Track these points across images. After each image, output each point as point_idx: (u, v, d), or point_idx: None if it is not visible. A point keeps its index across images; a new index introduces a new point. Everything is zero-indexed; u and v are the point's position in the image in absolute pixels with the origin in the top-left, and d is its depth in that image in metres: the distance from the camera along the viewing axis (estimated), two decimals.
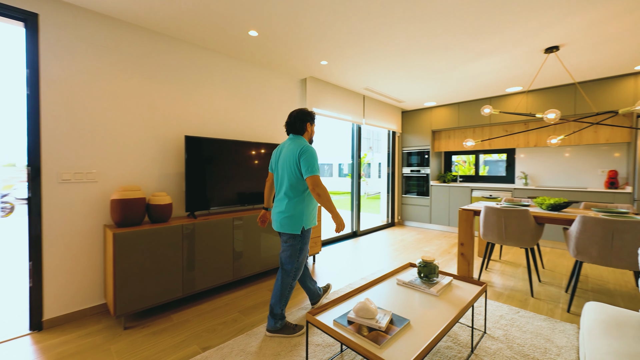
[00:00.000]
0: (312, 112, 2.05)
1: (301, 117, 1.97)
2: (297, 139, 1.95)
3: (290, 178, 1.90)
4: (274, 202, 2.02)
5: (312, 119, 2.03)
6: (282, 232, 1.96)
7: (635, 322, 1.34)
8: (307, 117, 1.99)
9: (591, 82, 3.79)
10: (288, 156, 1.90)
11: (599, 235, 2.10)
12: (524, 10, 2.18)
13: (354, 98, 4.44)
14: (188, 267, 2.30)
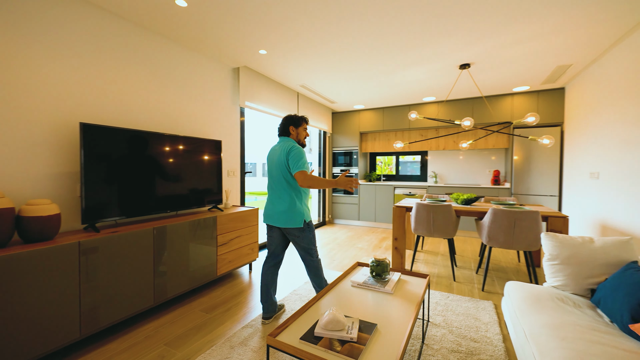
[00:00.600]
0: (299, 116, 2.14)
1: (285, 121, 2.11)
2: (285, 141, 2.06)
3: (285, 176, 2.00)
4: (270, 202, 2.08)
5: (296, 122, 2.11)
6: (289, 228, 2.03)
7: (547, 295, 1.62)
8: (291, 120, 2.11)
9: (487, 96, 4.63)
10: (278, 157, 2.01)
11: (505, 224, 2.53)
12: (446, 31, 2.45)
13: (288, 95, 4.28)
14: (88, 298, 1.74)
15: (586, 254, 1.69)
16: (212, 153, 2.86)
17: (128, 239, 1.92)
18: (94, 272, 1.75)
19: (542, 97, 4.25)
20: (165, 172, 2.38)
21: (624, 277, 1.45)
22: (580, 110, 3.59)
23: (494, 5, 2.11)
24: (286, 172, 1.98)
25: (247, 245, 3.02)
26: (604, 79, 3.01)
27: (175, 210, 2.49)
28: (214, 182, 2.88)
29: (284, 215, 2.00)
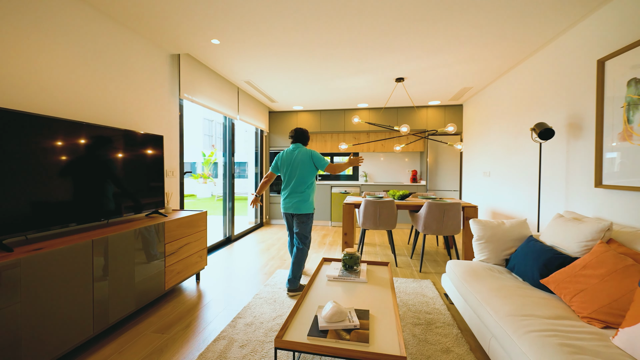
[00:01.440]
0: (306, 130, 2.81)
1: (302, 131, 2.73)
2: (300, 146, 2.69)
3: (308, 173, 2.61)
4: (287, 193, 2.65)
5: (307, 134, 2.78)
6: (299, 214, 2.59)
7: (480, 268, 2.07)
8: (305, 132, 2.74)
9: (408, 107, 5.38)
10: (303, 159, 2.61)
11: (437, 215, 3.05)
12: (389, 48, 2.81)
13: (229, 90, 4.03)
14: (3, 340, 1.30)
15: (501, 233, 2.23)
16: (152, 150, 2.48)
17: (58, 257, 1.51)
18: (7, 306, 1.32)
19: (448, 111, 5.23)
20: (93, 171, 1.95)
21: (528, 248, 1.98)
22: (475, 123, 4.59)
23: (426, 35, 2.53)
24: (310, 169, 2.60)
25: (196, 253, 2.73)
26: (493, 100, 3.94)
27: (108, 219, 2.06)
28: (155, 184, 2.51)
29: (300, 204, 2.58)
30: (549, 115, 2.72)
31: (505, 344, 1.36)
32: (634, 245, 1.56)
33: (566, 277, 1.57)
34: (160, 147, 2.57)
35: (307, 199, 2.60)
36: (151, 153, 2.47)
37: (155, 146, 2.51)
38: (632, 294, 1.30)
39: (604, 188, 2.07)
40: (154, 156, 2.51)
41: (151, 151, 2.47)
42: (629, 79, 1.87)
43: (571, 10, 2.18)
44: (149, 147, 2.44)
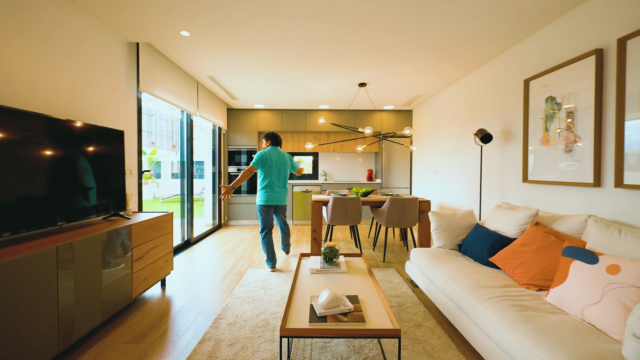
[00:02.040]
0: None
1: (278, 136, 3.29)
2: (279, 149, 3.26)
3: (287, 172, 3.24)
4: (277, 188, 3.16)
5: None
6: (285, 205, 3.30)
7: (440, 253, 2.39)
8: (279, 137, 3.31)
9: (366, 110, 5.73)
10: (285, 159, 3.24)
11: (399, 209, 3.37)
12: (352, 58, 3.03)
13: (189, 84, 3.82)
14: None
15: (454, 222, 2.60)
16: (112, 146, 2.26)
17: (16, 267, 1.32)
18: None
19: (400, 115, 5.74)
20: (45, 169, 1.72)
21: (477, 233, 2.36)
22: (424, 127, 5.14)
23: (389, 46, 2.80)
24: (288, 170, 3.27)
25: (162, 257, 2.57)
26: (440, 107, 4.48)
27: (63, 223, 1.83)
28: (115, 184, 2.29)
29: (285, 196, 3.25)
30: (487, 123, 3.24)
31: (470, 311, 1.64)
32: (553, 226, 2.00)
33: (508, 255, 1.95)
34: (120, 143, 2.36)
35: (286, 191, 3.30)
36: (111, 150, 2.25)
37: (115, 142, 2.30)
38: (556, 262, 1.69)
39: (529, 183, 2.58)
40: (114, 153, 2.29)
41: (111, 148, 2.25)
42: (547, 97, 2.37)
43: (502, 39, 2.64)
44: (109, 143, 2.23)
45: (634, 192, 1.73)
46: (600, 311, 1.27)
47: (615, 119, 1.82)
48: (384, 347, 1.74)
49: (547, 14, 2.24)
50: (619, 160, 1.79)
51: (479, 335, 1.56)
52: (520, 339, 1.25)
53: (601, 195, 1.93)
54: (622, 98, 1.78)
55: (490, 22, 2.36)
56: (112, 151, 2.26)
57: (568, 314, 1.40)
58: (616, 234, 1.49)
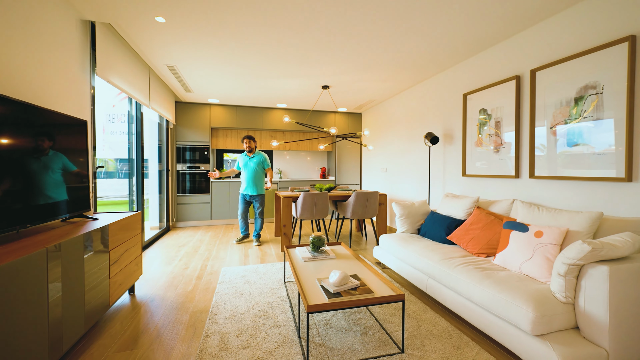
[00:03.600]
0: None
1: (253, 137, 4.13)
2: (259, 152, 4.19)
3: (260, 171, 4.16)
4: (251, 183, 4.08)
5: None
6: (258, 195, 4.14)
7: (405, 236, 2.81)
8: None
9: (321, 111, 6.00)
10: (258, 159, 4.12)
11: (362, 202, 3.74)
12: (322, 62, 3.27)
13: (141, 72, 3.47)
14: None
15: (414, 210, 3.07)
16: (75, 138, 2.00)
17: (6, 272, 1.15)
18: None
19: (351, 117, 6.21)
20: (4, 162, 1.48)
21: (433, 218, 2.86)
22: (373, 129, 5.69)
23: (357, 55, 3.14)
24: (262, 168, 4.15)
25: (134, 261, 2.36)
26: (389, 112, 5.06)
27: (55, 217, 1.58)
28: (78, 180, 2.03)
29: (259, 188, 4.11)
30: (432, 127, 3.86)
31: (442, 278, 2.04)
32: (489, 208, 2.59)
33: (462, 233, 2.45)
34: (83, 134, 2.10)
35: (262, 184, 4.23)
36: (73, 142, 1.98)
37: (78, 133, 2.03)
38: (497, 235, 2.23)
39: (467, 177, 3.22)
40: (77, 145, 2.03)
41: (73, 139, 1.99)
42: (480, 108, 3.01)
43: (447, 59, 3.23)
44: (71, 133, 1.96)
45: (542, 181, 2.41)
46: (532, 265, 1.79)
47: (529, 127, 2.48)
48: (377, 317, 2.03)
49: (481, 44, 2.85)
50: (532, 158, 2.46)
51: (451, 296, 1.97)
52: (488, 291, 1.67)
53: (520, 184, 2.60)
54: (533, 112, 2.44)
55: (441, 46, 2.87)
56: (74, 143, 2.00)
57: (510, 270, 1.91)
58: (536, 210, 2.08)
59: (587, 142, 2.08)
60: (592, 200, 2.07)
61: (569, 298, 1.49)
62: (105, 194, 9.75)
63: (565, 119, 2.20)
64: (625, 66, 1.85)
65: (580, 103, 2.10)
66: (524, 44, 2.57)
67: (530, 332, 1.43)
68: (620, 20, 1.91)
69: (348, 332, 1.84)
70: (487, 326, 1.69)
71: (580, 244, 1.42)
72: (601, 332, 1.39)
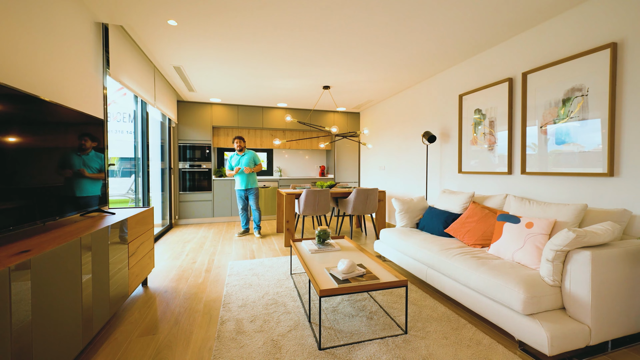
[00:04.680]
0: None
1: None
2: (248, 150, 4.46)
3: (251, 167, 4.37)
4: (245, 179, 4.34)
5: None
6: (253, 188, 4.39)
7: (406, 230, 2.96)
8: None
9: (321, 110, 6.13)
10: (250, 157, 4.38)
11: (363, 198, 3.88)
12: (324, 64, 3.40)
13: (147, 72, 3.55)
14: None
15: (412, 206, 3.22)
16: (93, 136, 2.10)
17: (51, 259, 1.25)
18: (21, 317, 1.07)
19: (349, 117, 6.35)
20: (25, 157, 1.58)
21: (431, 213, 3.02)
22: (371, 128, 5.84)
23: (354, 55, 3.27)
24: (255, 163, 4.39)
25: (147, 254, 2.47)
26: (387, 111, 5.21)
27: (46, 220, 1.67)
28: (96, 177, 2.13)
29: (251, 182, 4.35)
30: (429, 126, 4.02)
31: (442, 267, 2.19)
32: (484, 203, 2.76)
33: (458, 226, 2.61)
34: (100, 132, 2.19)
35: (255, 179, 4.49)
36: (93, 139, 2.08)
37: (96, 131, 2.13)
38: (492, 227, 2.39)
39: (463, 173, 3.38)
40: (96, 143, 2.12)
41: (92, 137, 2.08)
42: (475, 109, 3.17)
43: (444, 61, 3.38)
44: (91, 132, 2.06)
45: (533, 177, 2.58)
46: (523, 253, 1.95)
47: (520, 127, 2.65)
48: (380, 303, 2.17)
49: (478, 46, 3.01)
50: (523, 155, 2.62)
51: (449, 283, 2.12)
52: (484, 277, 1.82)
53: (513, 180, 2.77)
54: (524, 112, 2.61)
55: (439, 48, 3.02)
56: (94, 140, 2.09)
57: (504, 258, 2.06)
58: (527, 204, 2.24)
59: (573, 140, 2.25)
60: (578, 194, 2.24)
61: (556, 281, 1.65)
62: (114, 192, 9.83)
63: (554, 119, 2.37)
64: (607, 70, 2.02)
65: (568, 104, 2.26)
66: (516, 48, 2.73)
67: (521, 312, 1.58)
68: (603, 28, 2.07)
69: (354, 317, 1.97)
70: (482, 309, 1.84)
71: (566, 232, 1.58)
72: (584, 311, 1.55)
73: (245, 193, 4.37)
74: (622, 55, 1.97)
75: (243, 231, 4.46)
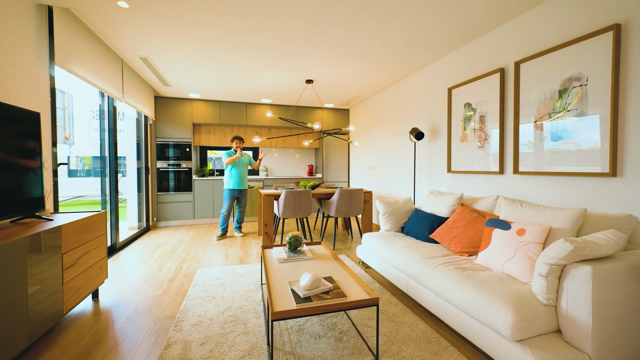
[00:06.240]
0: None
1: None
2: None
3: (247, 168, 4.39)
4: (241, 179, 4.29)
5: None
6: (246, 189, 4.38)
7: (388, 235, 2.71)
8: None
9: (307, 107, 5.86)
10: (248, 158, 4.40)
11: (347, 199, 3.63)
12: (303, 54, 3.14)
13: (112, 64, 3.28)
14: None
15: (397, 208, 2.97)
16: (25, 131, 1.83)
17: None
18: None
19: (339, 114, 6.09)
20: None
21: (417, 216, 2.77)
22: (360, 125, 5.59)
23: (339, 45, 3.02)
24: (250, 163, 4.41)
25: (96, 264, 2.20)
26: (375, 108, 4.95)
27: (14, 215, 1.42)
28: (29, 178, 1.86)
29: (246, 183, 4.34)
30: (417, 123, 3.77)
31: (423, 278, 1.94)
32: (474, 205, 2.51)
33: (444, 231, 2.36)
34: (36, 127, 1.92)
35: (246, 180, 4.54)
36: (24, 135, 1.81)
37: (29, 126, 1.86)
38: (480, 233, 2.14)
39: (452, 173, 3.14)
40: (28, 140, 1.85)
41: (23, 132, 1.81)
42: (465, 103, 2.93)
43: (432, 51, 3.13)
44: (22, 126, 1.79)
45: (526, 177, 2.33)
46: (514, 264, 1.70)
47: (513, 122, 2.40)
48: (354, 320, 1.92)
49: (466, 35, 2.76)
50: (516, 154, 2.38)
51: (431, 297, 1.88)
52: (468, 292, 1.58)
53: (504, 180, 2.53)
54: (517, 106, 2.36)
55: (425, 38, 2.77)
56: (24, 137, 1.82)
57: (492, 270, 1.82)
58: (519, 207, 2.00)
59: (570, 136, 2.01)
60: (576, 196, 1.99)
61: (550, 300, 1.41)
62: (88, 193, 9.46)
63: (550, 112, 2.12)
64: (609, 56, 1.77)
65: (565, 96, 2.02)
66: (508, 36, 2.48)
67: (509, 338, 1.34)
68: (605, 8, 1.83)
69: (322, 337, 1.72)
70: (466, 330, 1.59)
71: (562, 242, 1.33)
72: (584, 336, 1.30)
73: (239, 193, 4.29)
74: (626, 38, 1.72)
75: (221, 234, 4.20)
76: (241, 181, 4.28)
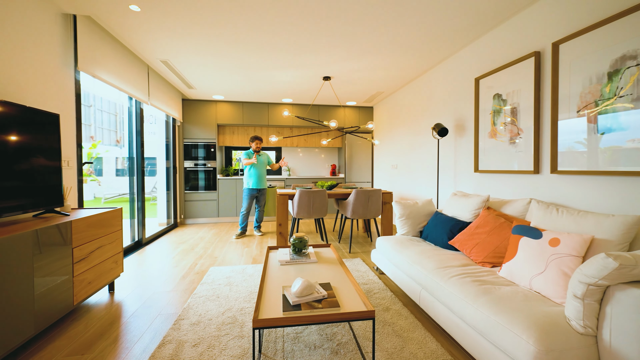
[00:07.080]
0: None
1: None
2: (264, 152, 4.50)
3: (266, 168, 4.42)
4: (260, 179, 4.32)
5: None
6: (265, 189, 4.43)
7: (404, 239, 2.50)
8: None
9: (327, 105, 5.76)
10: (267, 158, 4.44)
11: (363, 200, 3.45)
12: (318, 49, 3.02)
13: (138, 68, 3.46)
14: None
15: (416, 211, 2.74)
16: (45, 131, 1.95)
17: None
18: None
19: (361, 112, 5.89)
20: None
21: (436, 220, 2.52)
22: (384, 123, 5.34)
23: (354, 39, 2.85)
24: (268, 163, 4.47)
25: (111, 258, 2.29)
26: (399, 104, 4.69)
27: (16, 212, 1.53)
28: (49, 175, 1.98)
29: (265, 183, 4.37)
30: (442, 118, 3.47)
31: (435, 290, 1.73)
32: (502, 209, 2.21)
33: (465, 237, 2.10)
34: (55, 128, 2.04)
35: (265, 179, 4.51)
36: (43, 135, 1.93)
37: (49, 127, 1.98)
38: (506, 241, 1.86)
39: (480, 172, 2.82)
40: (48, 140, 1.97)
41: (43, 133, 1.93)
42: (494, 94, 2.61)
43: (456, 39, 2.84)
44: (42, 127, 1.91)
45: (566, 177, 1.99)
46: (544, 280, 1.43)
47: (551, 114, 2.07)
48: (356, 332, 1.76)
49: (495, 17, 2.45)
50: (554, 150, 2.04)
51: (444, 312, 1.66)
52: (481, 310, 1.35)
53: (540, 181, 2.19)
54: (555, 96, 2.03)
55: (447, 24, 2.51)
56: (44, 137, 1.94)
57: (518, 285, 1.55)
58: (555, 212, 1.69)
59: (624, 127, 1.65)
60: (630, 202, 1.64)
61: (588, 328, 1.14)
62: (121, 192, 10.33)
63: (596, 100, 1.78)
64: None
65: (616, 79, 1.67)
66: (543, 14, 2.15)
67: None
68: None
69: (317, 349, 1.60)
70: (482, 355, 1.37)
71: (603, 258, 1.07)
72: None
73: (259, 193, 4.35)
74: None
75: (240, 233, 4.26)
76: (260, 181, 4.30)
